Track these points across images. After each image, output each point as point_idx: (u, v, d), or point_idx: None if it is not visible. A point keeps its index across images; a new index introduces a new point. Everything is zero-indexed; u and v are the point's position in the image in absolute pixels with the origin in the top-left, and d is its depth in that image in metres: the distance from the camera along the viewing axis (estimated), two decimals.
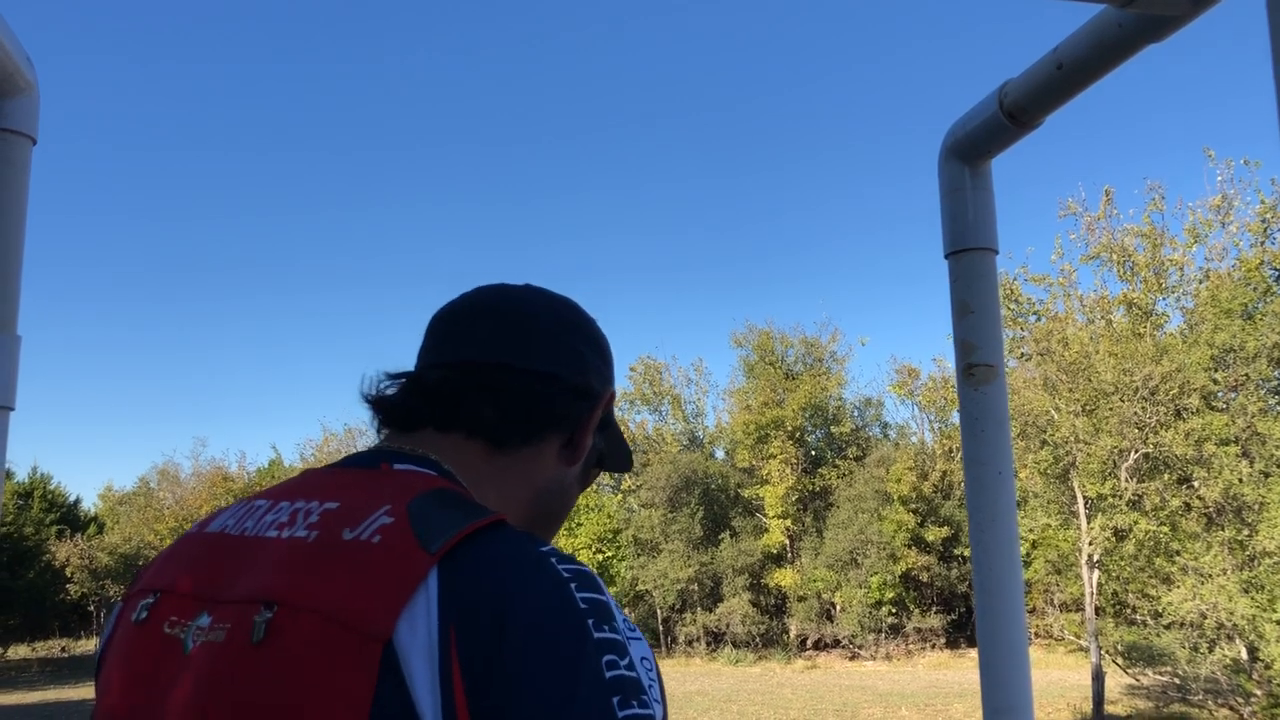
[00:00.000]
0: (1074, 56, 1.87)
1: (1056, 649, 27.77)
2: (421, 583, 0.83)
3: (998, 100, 2.07)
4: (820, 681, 25.64)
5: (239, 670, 0.85)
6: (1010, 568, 2.11)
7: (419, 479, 0.99)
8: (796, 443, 33.07)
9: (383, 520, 0.90)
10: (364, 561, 0.87)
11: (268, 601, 0.87)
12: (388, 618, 0.81)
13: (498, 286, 1.20)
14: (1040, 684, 22.84)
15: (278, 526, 0.96)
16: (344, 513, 0.93)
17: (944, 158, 2.26)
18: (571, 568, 0.88)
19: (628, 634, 0.88)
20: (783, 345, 35.72)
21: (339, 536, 0.90)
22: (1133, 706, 19.47)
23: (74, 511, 40.92)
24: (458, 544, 0.86)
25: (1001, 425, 2.15)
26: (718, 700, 21.87)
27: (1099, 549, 18.02)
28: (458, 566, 0.85)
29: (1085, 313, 20.06)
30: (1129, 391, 17.71)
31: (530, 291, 1.20)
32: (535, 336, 1.13)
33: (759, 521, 33.36)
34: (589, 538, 32.59)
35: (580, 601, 0.85)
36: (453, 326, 1.16)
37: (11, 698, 24.63)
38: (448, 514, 0.90)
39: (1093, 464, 17.92)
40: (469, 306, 1.17)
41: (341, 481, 1.01)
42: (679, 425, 38.38)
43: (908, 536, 30.05)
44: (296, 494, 1.01)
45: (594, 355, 1.19)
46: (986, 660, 2.10)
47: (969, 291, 2.19)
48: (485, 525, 0.89)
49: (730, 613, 31.45)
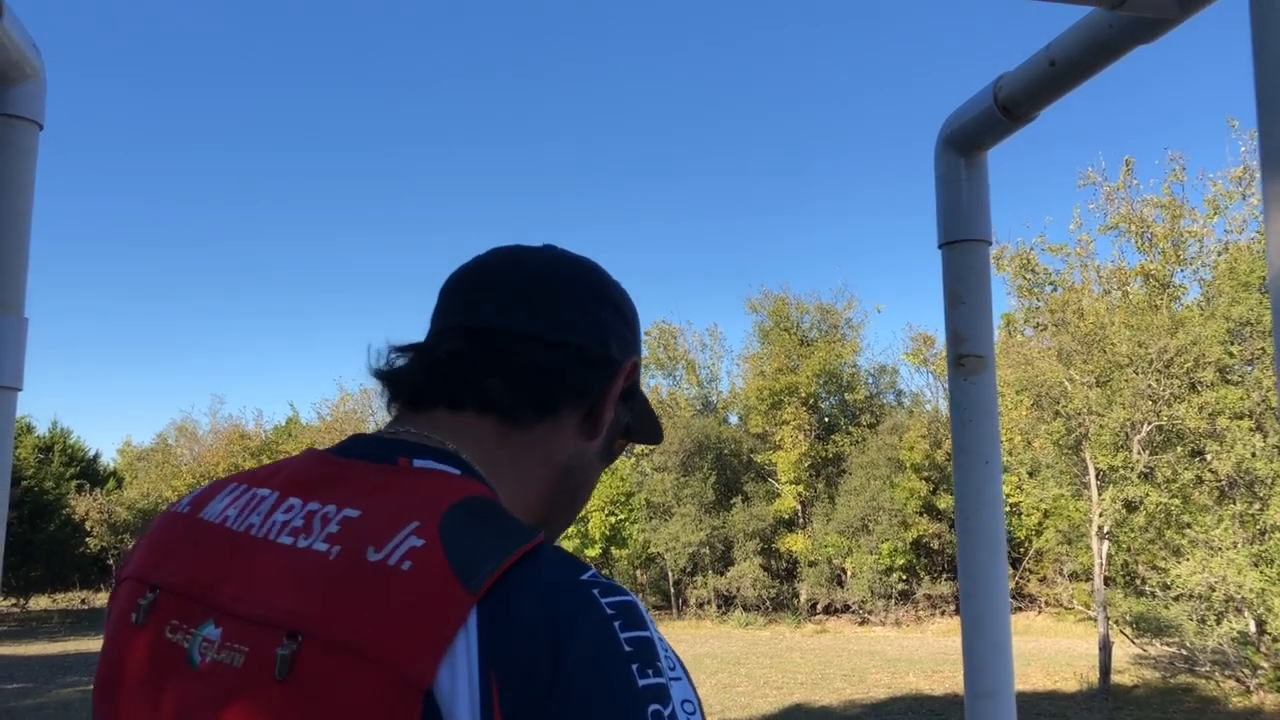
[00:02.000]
0: (1066, 54, 1.88)
1: (1066, 618, 27.88)
2: (463, 625, 0.77)
3: (993, 94, 2.09)
4: (829, 646, 25.84)
5: (261, 706, 0.80)
6: (995, 555, 2.16)
7: (445, 483, 0.92)
8: (810, 409, 33.11)
9: (412, 542, 0.82)
10: (395, 593, 0.79)
11: (290, 630, 0.81)
12: (429, 663, 0.75)
13: (512, 248, 1.13)
14: (1048, 653, 22.97)
15: (291, 532, 0.89)
16: (367, 525, 0.85)
17: (940, 149, 2.27)
18: (615, 600, 0.82)
19: (669, 675, 0.82)
20: (798, 311, 35.65)
21: (363, 557, 0.82)
22: (1139, 676, 19.56)
23: (93, 466, 41.36)
24: (497, 583, 0.79)
25: (990, 415, 2.18)
26: (727, 662, 22.07)
27: (1109, 520, 18.03)
28: (500, 605, 0.78)
29: (1102, 284, 19.95)
30: (1144, 364, 17.64)
31: (548, 253, 1.12)
32: (550, 302, 1.05)
33: (771, 487, 33.49)
34: (601, 500, 32.74)
35: (625, 644, 0.80)
36: (464, 293, 1.08)
37: (34, 648, 25.04)
38: (484, 537, 0.83)
39: (1105, 436, 17.89)
40: (481, 271, 1.10)
41: (359, 480, 0.93)
42: (693, 390, 38.48)
43: (919, 504, 30.16)
44: (306, 489, 0.94)
45: (616, 321, 1.10)
46: (969, 644, 2.15)
47: (961, 282, 2.22)
48: (528, 552, 0.83)
49: (741, 576, 31.66)
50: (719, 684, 19.10)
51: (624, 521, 33.09)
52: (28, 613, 35.49)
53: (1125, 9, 1.65)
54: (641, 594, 35.43)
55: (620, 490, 33.32)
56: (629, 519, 33.11)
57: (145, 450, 43.23)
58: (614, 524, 32.86)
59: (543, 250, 1.13)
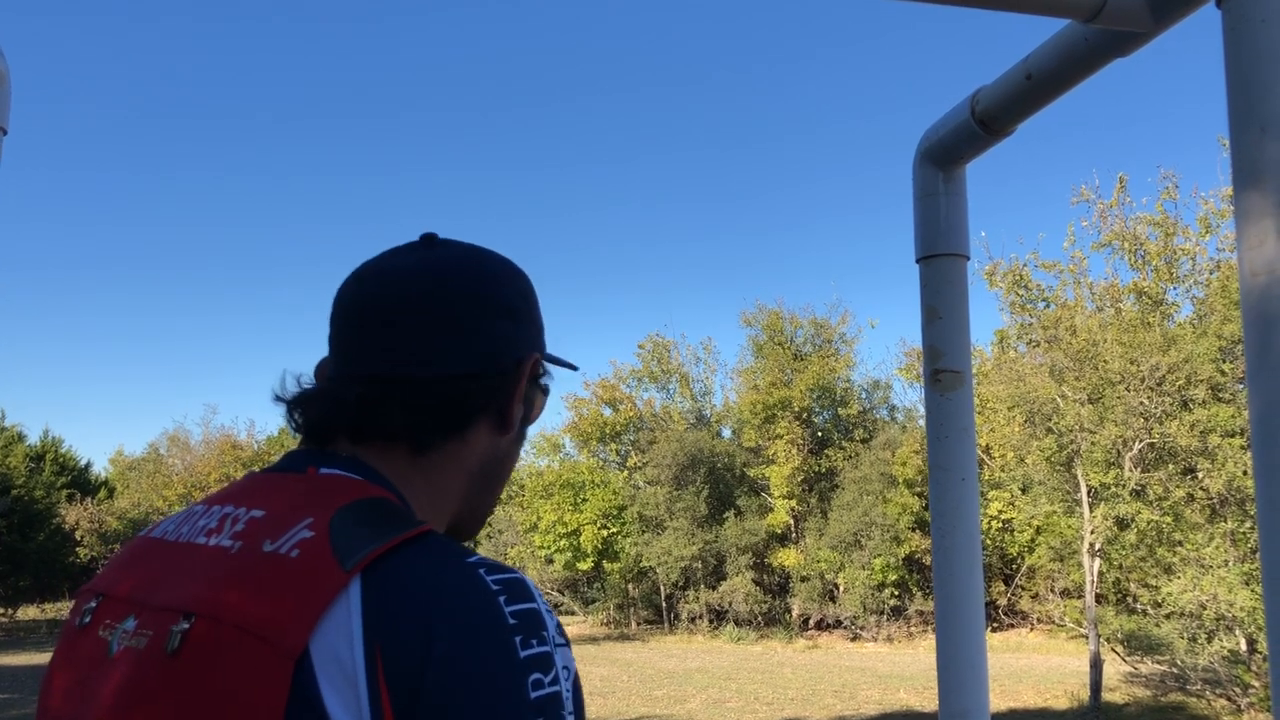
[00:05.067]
0: (1043, 68, 1.87)
1: (1058, 635, 27.80)
2: (337, 599, 0.83)
3: (970, 107, 2.07)
4: (821, 661, 25.75)
5: (153, 679, 0.86)
6: (971, 574, 2.13)
7: (346, 486, 0.97)
8: (803, 423, 33.04)
9: (303, 534, 0.89)
10: (280, 575, 0.86)
11: (186, 611, 0.87)
12: (300, 633, 0.81)
13: (390, 266, 1.08)
14: (1040, 670, 22.90)
15: (206, 533, 0.97)
16: (267, 522, 0.93)
17: (918, 162, 2.26)
18: (501, 577, 0.87)
19: (556, 641, 0.88)
20: (792, 326, 35.59)
21: (260, 548, 0.90)
22: (1130, 695, 19.51)
23: (84, 476, 41.24)
24: (381, 559, 0.85)
25: (966, 432, 2.16)
26: (717, 678, 21.99)
27: (1101, 538, 18.01)
28: (381, 583, 0.84)
29: (1095, 300, 19.95)
30: (1136, 381, 17.64)
31: (436, 264, 1.08)
32: (444, 334, 1.04)
33: (764, 501, 33.40)
34: (594, 513, 32.67)
35: (510, 616, 0.85)
36: (352, 335, 1.07)
37: (20, 658, 24.90)
38: (372, 527, 0.89)
39: (1097, 453, 17.88)
40: (365, 306, 1.07)
41: (271, 487, 1.00)
42: (686, 403, 38.38)
43: (912, 519, 30.06)
44: (230, 499, 1.01)
45: (508, 327, 1.09)
46: (945, 664, 2.12)
47: (938, 297, 2.20)
48: (411, 538, 0.88)
49: (733, 591, 31.52)
50: (709, 699, 19.02)
51: (616, 535, 32.99)
52: (16, 622, 35.32)
53: (1100, 22, 1.63)
54: (633, 608, 35.31)
55: (613, 504, 33.24)
56: (621, 532, 33.00)
57: (137, 460, 43.15)
58: (606, 537, 32.77)
59: (422, 261, 1.08)
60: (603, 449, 37.34)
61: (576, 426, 36.75)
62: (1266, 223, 1.37)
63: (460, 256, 1.10)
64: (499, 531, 37.26)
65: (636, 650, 28.89)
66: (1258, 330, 1.37)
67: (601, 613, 35.92)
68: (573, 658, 0.91)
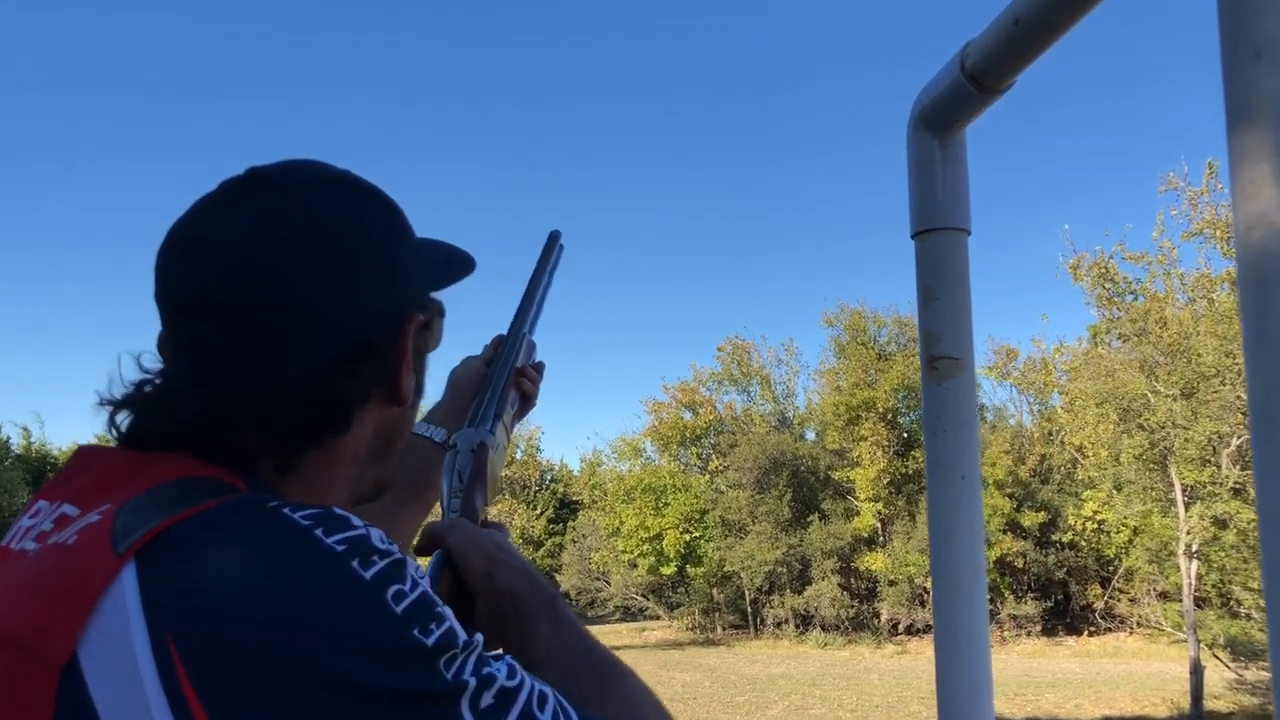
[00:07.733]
0: (1030, 10, 1.66)
1: (1158, 639, 26.87)
2: (107, 590, 0.68)
3: (959, 63, 1.86)
4: (909, 668, 25.23)
5: None
6: (973, 583, 1.92)
7: (170, 464, 0.80)
8: (889, 424, 32.47)
9: (89, 519, 0.74)
10: (54, 570, 0.73)
11: None
12: (64, 636, 0.67)
13: (228, 234, 0.84)
14: (1138, 676, 22.10)
15: (20, 535, 0.81)
16: (71, 516, 0.78)
17: (912, 128, 2.04)
18: (310, 512, 0.72)
19: (396, 555, 0.72)
20: (875, 325, 35.12)
21: (47, 544, 0.76)
22: (1236, 703, 18.69)
23: None
24: (162, 536, 0.70)
25: (967, 425, 1.94)
26: (801, 684, 21.69)
27: (1198, 538, 17.30)
28: (159, 561, 0.69)
29: (1187, 291, 19.20)
30: (1232, 374, 16.92)
31: (272, 222, 0.85)
32: (299, 320, 0.83)
33: (850, 504, 32.93)
34: (676, 517, 32.55)
35: (335, 545, 0.70)
36: (184, 328, 0.85)
37: None
38: (160, 505, 0.73)
39: (1191, 450, 17.20)
40: (197, 290, 0.84)
41: (95, 473, 0.82)
42: (768, 406, 38.03)
43: (1003, 521, 29.38)
44: (52, 491, 0.83)
45: (386, 283, 0.89)
46: (945, 682, 1.92)
47: (935, 276, 1.98)
48: (203, 510, 0.72)
49: (819, 595, 31.15)
50: (791, 705, 18.74)
51: (699, 539, 32.83)
52: None
53: None
54: (718, 613, 35.10)
55: (695, 508, 33.09)
56: (704, 536, 32.84)
57: None
58: (689, 542, 32.61)
59: (254, 221, 0.85)
60: (684, 453, 37.21)
61: (656, 430, 36.68)
62: (1262, 166, 1.14)
63: (301, 202, 0.87)
64: (583, 536, 37.38)
65: (721, 655, 28.68)
66: (1255, 294, 1.14)
67: (686, 617, 35.74)
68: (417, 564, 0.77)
